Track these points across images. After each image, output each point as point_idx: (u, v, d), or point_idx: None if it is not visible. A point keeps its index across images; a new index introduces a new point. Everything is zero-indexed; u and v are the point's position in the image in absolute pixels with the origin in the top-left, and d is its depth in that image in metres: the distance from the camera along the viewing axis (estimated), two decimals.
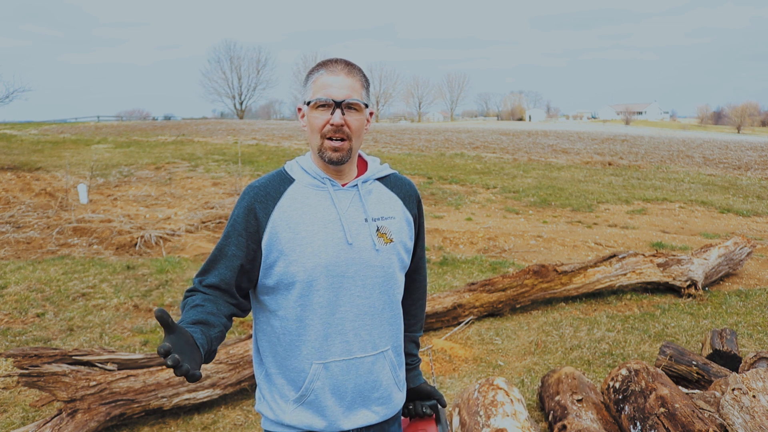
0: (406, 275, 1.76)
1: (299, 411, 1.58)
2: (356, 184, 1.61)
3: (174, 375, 1.17)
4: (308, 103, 1.54)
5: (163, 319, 1.17)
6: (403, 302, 1.77)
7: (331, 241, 1.54)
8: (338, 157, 1.54)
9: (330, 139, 1.53)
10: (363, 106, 1.55)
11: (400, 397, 1.71)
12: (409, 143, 24.25)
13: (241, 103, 69.30)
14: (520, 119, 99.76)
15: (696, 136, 39.98)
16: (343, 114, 1.52)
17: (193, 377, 1.17)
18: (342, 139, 1.53)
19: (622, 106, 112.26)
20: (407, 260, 1.68)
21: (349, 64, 1.57)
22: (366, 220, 1.59)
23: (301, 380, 1.57)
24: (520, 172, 15.83)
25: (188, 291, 1.55)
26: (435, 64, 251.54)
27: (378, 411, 1.64)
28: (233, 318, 1.57)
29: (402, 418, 1.79)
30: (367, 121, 1.60)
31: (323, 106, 1.52)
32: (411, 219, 1.68)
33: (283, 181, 1.60)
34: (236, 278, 1.55)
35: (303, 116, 1.60)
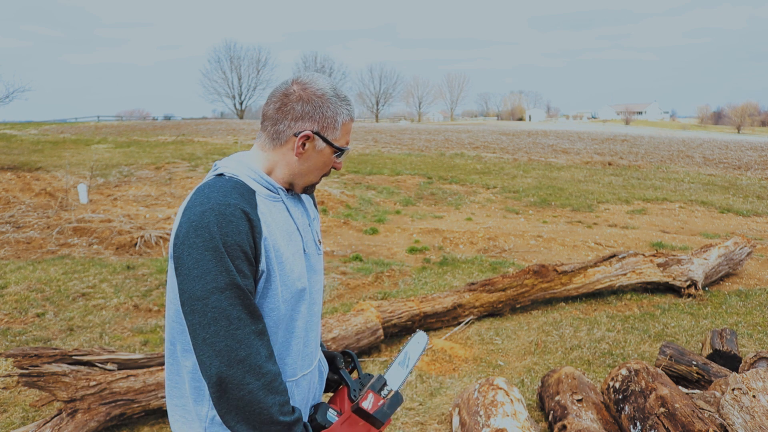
0: None
1: None
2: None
3: None
4: (338, 150, 1.47)
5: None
6: None
7: (297, 254, 1.44)
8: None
9: (325, 175, 1.52)
10: None
11: None
12: (409, 143, 24.24)
13: (241, 103, 69.32)
14: (520, 119, 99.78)
15: (696, 136, 39.97)
16: None
17: None
18: None
19: (622, 106, 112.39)
20: None
21: None
22: (309, 224, 1.54)
23: None
24: (520, 172, 15.83)
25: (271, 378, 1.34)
26: (435, 64, 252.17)
27: None
28: None
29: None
30: None
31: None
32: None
33: (249, 192, 1.37)
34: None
35: (306, 145, 1.43)
